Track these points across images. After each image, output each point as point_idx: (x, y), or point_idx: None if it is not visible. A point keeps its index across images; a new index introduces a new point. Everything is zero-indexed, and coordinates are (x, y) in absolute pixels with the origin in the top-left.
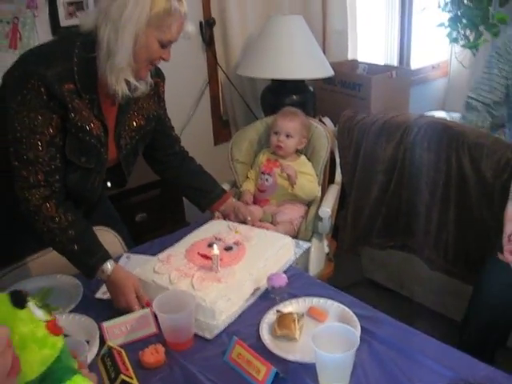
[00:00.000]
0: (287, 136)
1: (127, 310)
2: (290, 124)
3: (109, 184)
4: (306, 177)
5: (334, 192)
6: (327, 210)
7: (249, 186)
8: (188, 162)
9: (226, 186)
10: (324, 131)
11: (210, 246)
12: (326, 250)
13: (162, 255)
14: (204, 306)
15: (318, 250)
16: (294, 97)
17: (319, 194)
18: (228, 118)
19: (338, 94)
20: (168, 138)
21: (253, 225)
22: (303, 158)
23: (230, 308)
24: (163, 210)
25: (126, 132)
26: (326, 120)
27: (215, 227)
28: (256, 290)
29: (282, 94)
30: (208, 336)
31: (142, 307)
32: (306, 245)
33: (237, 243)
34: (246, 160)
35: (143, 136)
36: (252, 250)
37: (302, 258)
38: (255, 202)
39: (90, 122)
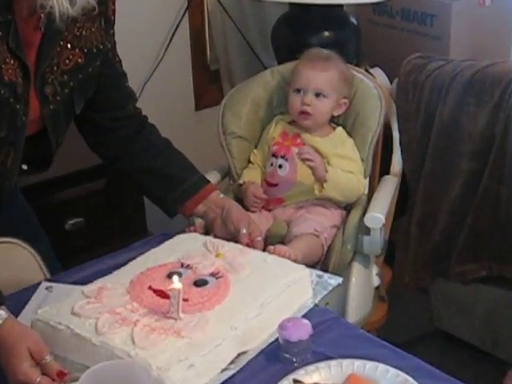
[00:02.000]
0: (317, 95)
1: None
2: (323, 75)
3: (24, 166)
4: (345, 163)
5: (389, 188)
6: (379, 216)
7: (252, 177)
8: (147, 133)
9: (213, 177)
10: (375, 89)
11: (170, 276)
12: (376, 282)
13: (90, 288)
14: (148, 376)
15: (363, 282)
16: (326, 33)
17: (366, 192)
18: (218, 67)
19: (396, 30)
20: (117, 91)
21: (251, 243)
22: (340, 131)
23: (193, 381)
24: (111, 212)
25: (55, 75)
26: (378, 72)
27: (183, 245)
28: (241, 354)
29: (305, 29)
30: None
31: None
32: (334, 280)
33: (216, 274)
34: (248, 134)
35: (82, 83)
36: (241, 286)
37: (335, 294)
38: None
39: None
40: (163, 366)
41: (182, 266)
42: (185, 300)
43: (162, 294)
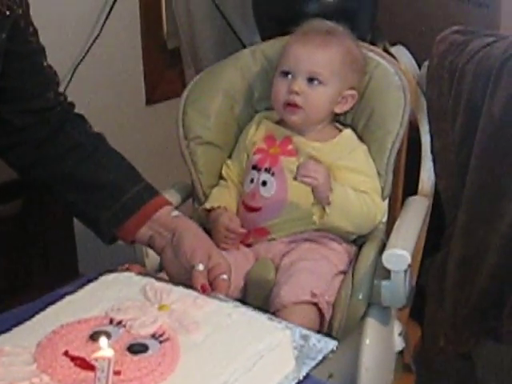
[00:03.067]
0: (310, 80)
1: None
2: (318, 54)
3: None
4: (355, 179)
5: (417, 214)
6: (403, 254)
7: (224, 199)
8: (70, 128)
9: (170, 198)
10: (396, 76)
11: (95, 338)
12: (399, 345)
13: None
14: None
15: (381, 346)
16: None
17: (384, 219)
18: (178, 45)
19: None
20: (31, 75)
21: (208, 288)
22: (349, 135)
23: None
24: (28, 245)
25: None
26: (401, 52)
27: (112, 292)
28: None
29: None
30: None
31: None
32: (326, 345)
33: (159, 336)
34: (219, 138)
35: None
36: (194, 355)
37: (342, 362)
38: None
39: None
40: None
41: (111, 322)
42: (116, 373)
43: (84, 364)
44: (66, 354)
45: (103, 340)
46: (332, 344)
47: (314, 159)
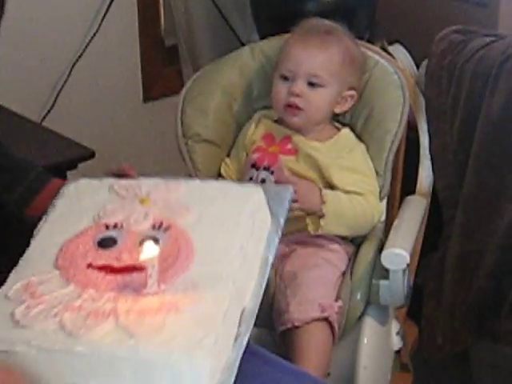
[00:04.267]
0: (311, 83)
1: None
2: (319, 56)
3: None
4: (352, 179)
5: (415, 214)
6: (401, 253)
7: None
8: None
9: None
10: (395, 75)
11: (104, 245)
12: (397, 344)
13: (12, 289)
14: (169, 367)
15: (379, 345)
16: None
17: (383, 218)
18: (176, 43)
19: None
20: None
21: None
22: (347, 134)
23: (218, 360)
24: None
25: None
26: (399, 51)
27: (86, 201)
28: (242, 313)
29: None
30: None
31: None
32: (285, 191)
33: (160, 227)
34: (217, 136)
35: None
36: (200, 233)
37: (339, 361)
38: None
39: None
40: (183, 353)
41: (108, 227)
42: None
43: (114, 270)
44: (90, 266)
45: (148, 243)
46: (288, 189)
47: (293, 178)
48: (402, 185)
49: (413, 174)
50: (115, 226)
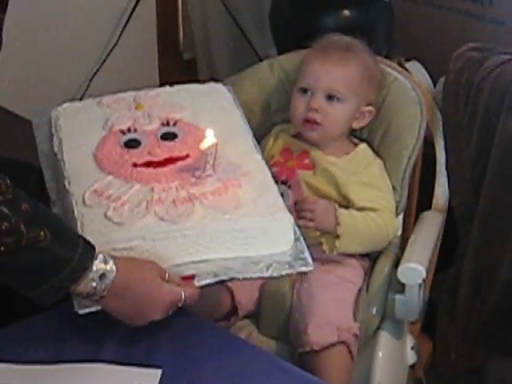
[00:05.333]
0: (329, 98)
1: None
2: (337, 72)
3: None
4: (369, 194)
5: (431, 229)
6: (417, 268)
7: None
8: None
9: None
10: (413, 91)
11: (130, 146)
12: (412, 359)
13: (87, 196)
14: (262, 230)
15: (394, 359)
16: (346, 13)
17: (399, 233)
18: (194, 56)
19: (442, 10)
20: None
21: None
22: (364, 149)
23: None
24: None
25: None
26: (416, 67)
27: (85, 116)
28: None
29: (316, 6)
30: None
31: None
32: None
33: (168, 123)
34: None
35: None
36: (202, 121)
37: (354, 375)
38: None
39: None
40: (268, 216)
41: (124, 133)
42: (186, 156)
43: (156, 164)
44: (136, 165)
45: (209, 131)
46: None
47: (312, 197)
48: (419, 200)
49: (429, 190)
50: (129, 130)
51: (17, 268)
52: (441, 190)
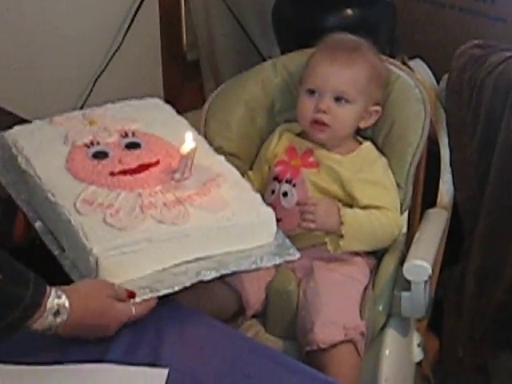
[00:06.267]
0: (337, 99)
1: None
2: (346, 73)
3: None
4: (373, 192)
5: (436, 226)
6: (423, 265)
7: None
8: None
9: None
10: (416, 89)
11: (98, 157)
12: (418, 356)
13: (78, 205)
14: (252, 225)
15: (400, 357)
16: (349, 11)
17: (404, 230)
18: (198, 57)
19: (445, 8)
20: None
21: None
22: (369, 147)
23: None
24: None
25: None
26: (419, 65)
27: (41, 135)
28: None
29: (319, 5)
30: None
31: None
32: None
33: (126, 134)
34: (240, 150)
35: None
36: (158, 131)
37: (362, 371)
38: None
39: None
40: (255, 211)
41: (88, 146)
42: (156, 163)
43: (131, 171)
44: (113, 174)
45: (188, 134)
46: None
47: (313, 198)
48: (423, 197)
49: (434, 187)
50: (92, 144)
51: None
52: (445, 187)
